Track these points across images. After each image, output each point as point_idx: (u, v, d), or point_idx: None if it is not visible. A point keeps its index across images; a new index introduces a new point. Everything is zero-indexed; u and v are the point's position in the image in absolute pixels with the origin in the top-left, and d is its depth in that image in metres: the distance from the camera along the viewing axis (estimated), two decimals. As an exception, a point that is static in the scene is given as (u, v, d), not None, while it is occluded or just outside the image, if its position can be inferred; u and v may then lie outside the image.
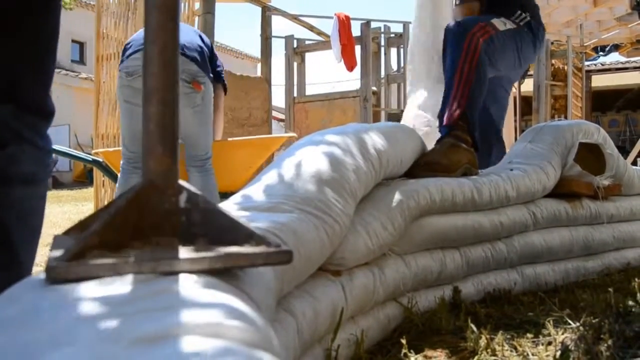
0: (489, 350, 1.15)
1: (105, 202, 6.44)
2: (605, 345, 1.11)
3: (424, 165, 1.71)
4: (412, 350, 1.14)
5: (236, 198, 1.06)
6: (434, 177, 1.61)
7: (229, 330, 0.44)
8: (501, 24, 2.15)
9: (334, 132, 1.37)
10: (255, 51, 15.54)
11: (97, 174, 6.30)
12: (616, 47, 10.64)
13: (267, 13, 7.34)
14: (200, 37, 3.09)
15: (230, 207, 1.00)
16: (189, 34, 3.00)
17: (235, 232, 0.62)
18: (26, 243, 0.99)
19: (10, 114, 0.96)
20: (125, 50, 2.98)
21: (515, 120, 9.11)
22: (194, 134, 2.95)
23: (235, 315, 0.47)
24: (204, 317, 0.45)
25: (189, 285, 0.52)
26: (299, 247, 0.91)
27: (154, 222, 0.60)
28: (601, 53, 11.00)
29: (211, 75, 3.02)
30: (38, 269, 1.97)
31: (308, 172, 1.13)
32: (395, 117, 7.68)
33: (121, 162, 3.01)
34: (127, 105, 2.92)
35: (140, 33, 3.06)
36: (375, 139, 1.41)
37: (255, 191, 1.07)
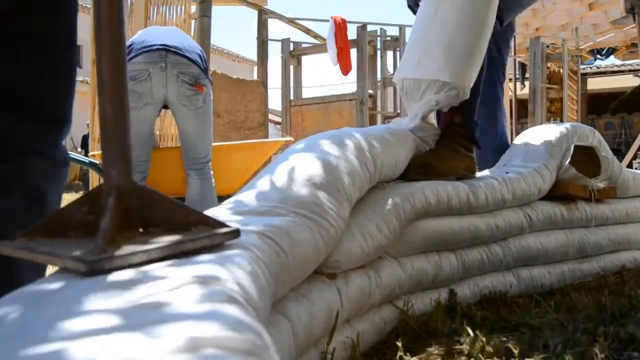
0: (484, 352, 1.15)
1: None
2: (600, 347, 1.12)
3: (420, 167, 1.71)
4: (407, 353, 1.14)
5: (230, 202, 1.06)
6: (429, 180, 1.60)
7: (226, 342, 0.44)
8: None
9: (327, 136, 1.37)
10: (252, 54, 15.58)
11: (94, 176, 6.29)
12: (613, 50, 10.69)
13: (263, 16, 7.35)
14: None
15: (224, 211, 1.00)
16: (186, 38, 3.02)
17: (183, 217, 0.70)
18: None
19: (22, 124, 0.95)
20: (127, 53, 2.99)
21: (511, 124, 9.14)
22: (196, 136, 2.96)
23: (232, 326, 0.47)
24: (201, 330, 0.45)
25: (184, 296, 0.53)
26: (294, 250, 0.91)
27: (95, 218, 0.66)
28: (599, 56, 11.05)
29: (210, 77, 3.02)
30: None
31: (302, 176, 1.13)
32: (392, 119, 7.69)
33: None
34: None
35: (140, 35, 3.06)
36: (368, 142, 1.42)
37: (250, 195, 1.07)
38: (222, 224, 0.72)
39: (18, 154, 0.95)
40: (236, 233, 0.72)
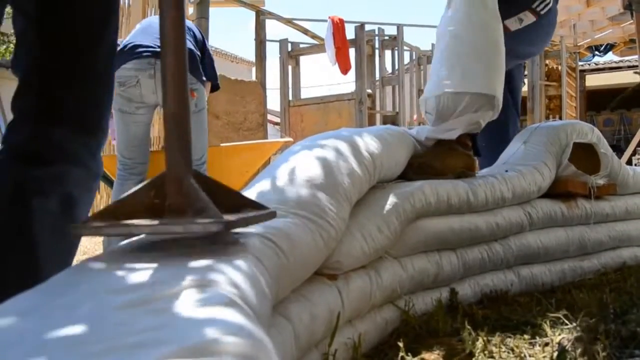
0: (486, 351, 1.15)
1: (101, 208, 6.40)
2: (602, 345, 1.12)
3: (418, 167, 1.71)
4: (409, 353, 1.14)
5: (230, 204, 1.06)
6: (428, 180, 1.60)
7: (226, 346, 0.44)
8: (516, 22, 2.09)
9: (327, 137, 1.37)
10: (250, 55, 15.57)
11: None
12: (612, 47, 10.68)
13: (261, 17, 7.35)
14: (193, 33, 3.07)
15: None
16: None
17: (234, 201, 0.82)
18: (53, 259, 1.01)
19: (65, 133, 1.02)
20: (118, 56, 2.96)
21: (510, 121, 9.12)
22: None
23: (232, 330, 0.47)
24: (201, 335, 0.45)
25: (184, 301, 0.53)
26: (294, 252, 0.91)
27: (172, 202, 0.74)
28: (597, 53, 11.03)
29: (204, 78, 3.01)
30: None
31: (302, 177, 1.13)
32: (391, 119, 7.70)
33: (117, 168, 3.01)
34: (121, 113, 2.92)
35: (135, 34, 3.05)
36: (368, 142, 1.42)
37: (249, 197, 1.07)
38: (263, 206, 0.86)
39: (60, 161, 1.02)
40: (274, 214, 0.86)
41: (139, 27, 3.18)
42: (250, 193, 1.10)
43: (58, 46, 1.03)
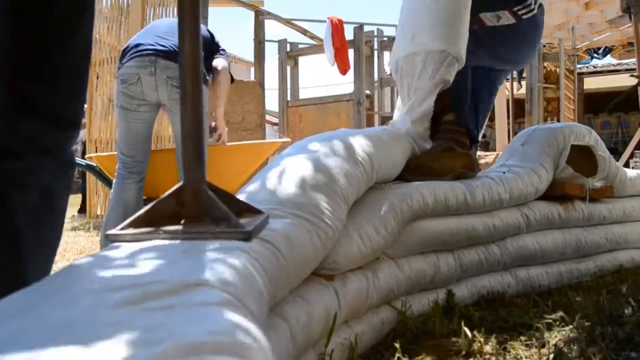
0: (482, 353, 1.15)
1: (99, 208, 6.40)
2: (598, 347, 1.12)
3: (415, 168, 1.71)
4: (405, 355, 1.14)
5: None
6: (426, 181, 1.60)
7: (223, 345, 0.44)
8: (492, 18, 2.00)
9: (324, 138, 1.37)
10: (249, 55, 15.55)
11: (91, 179, 6.28)
12: (610, 49, 10.71)
13: (260, 17, 7.35)
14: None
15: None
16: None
17: (236, 206, 0.88)
18: (37, 252, 1.01)
19: (35, 127, 1.02)
20: (122, 56, 2.98)
21: (508, 123, 9.15)
22: None
23: (228, 330, 0.47)
24: (197, 334, 0.45)
25: (180, 299, 0.53)
26: (292, 253, 0.91)
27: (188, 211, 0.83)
28: (595, 55, 11.06)
29: (207, 78, 3.01)
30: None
31: (299, 178, 1.13)
32: (389, 120, 7.70)
33: (117, 166, 3.00)
34: (123, 111, 2.92)
35: (139, 36, 3.06)
36: (365, 143, 1.42)
37: (247, 198, 1.07)
38: (258, 210, 0.93)
39: (32, 154, 1.02)
40: (268, 217, 0.94)
41: (143, 29, 3.21)
42: (248, 193, 1.10)
43: (30, 42, 1.02)
